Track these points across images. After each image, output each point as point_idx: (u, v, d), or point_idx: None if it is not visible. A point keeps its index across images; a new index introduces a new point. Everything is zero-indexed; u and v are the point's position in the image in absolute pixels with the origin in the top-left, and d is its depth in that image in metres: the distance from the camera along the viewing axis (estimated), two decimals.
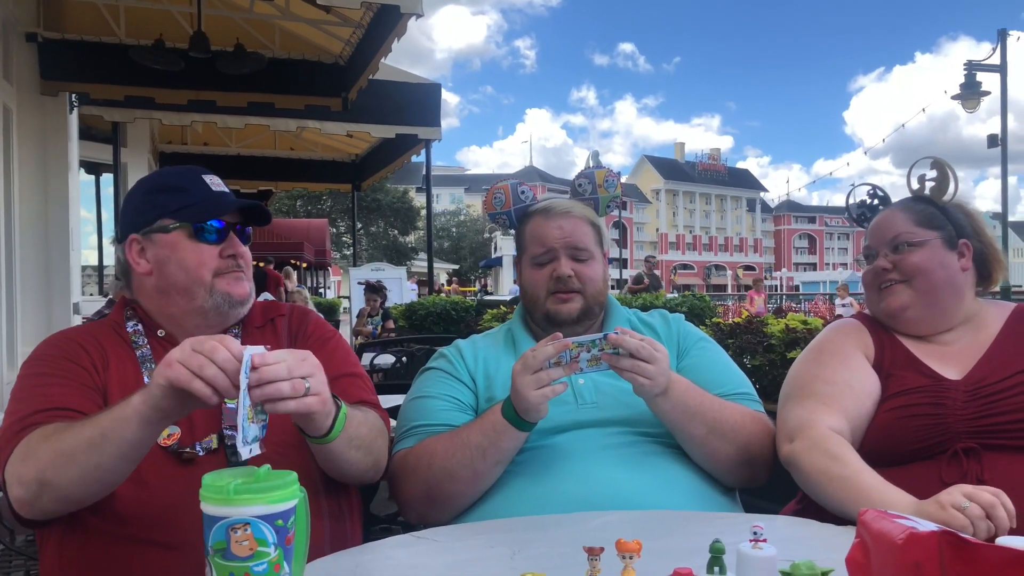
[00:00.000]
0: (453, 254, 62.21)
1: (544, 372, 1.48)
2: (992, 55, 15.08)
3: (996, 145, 15.43)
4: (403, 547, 1.35)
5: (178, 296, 1.57)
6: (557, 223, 1.83)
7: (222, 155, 11.69)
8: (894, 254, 1.76)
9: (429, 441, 1.64)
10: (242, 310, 1.61)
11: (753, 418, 1.70)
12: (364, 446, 1.47)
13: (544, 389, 1.48)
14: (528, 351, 1.51)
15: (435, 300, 8.47)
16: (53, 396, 1.43)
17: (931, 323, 1.74)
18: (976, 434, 1.54)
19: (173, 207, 1.56)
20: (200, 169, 1.63)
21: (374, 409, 1.62)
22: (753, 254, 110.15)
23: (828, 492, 1.47)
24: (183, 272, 1.55)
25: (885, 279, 1.76)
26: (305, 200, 40.43)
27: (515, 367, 1.52)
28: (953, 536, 0.86)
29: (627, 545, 1.00)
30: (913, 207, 1.80)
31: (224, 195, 1.60)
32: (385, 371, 5.28)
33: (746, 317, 3.67)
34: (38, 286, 6.21)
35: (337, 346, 1.71)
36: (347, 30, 6.73)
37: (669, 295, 9.52)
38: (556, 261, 1.81)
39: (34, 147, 6.27)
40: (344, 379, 1.62)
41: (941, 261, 1.73)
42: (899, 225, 1.77)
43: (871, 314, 1.85)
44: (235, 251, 1.59)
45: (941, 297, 1.73)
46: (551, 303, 1.81)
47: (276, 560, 1.00)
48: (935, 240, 1.75)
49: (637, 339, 1.52)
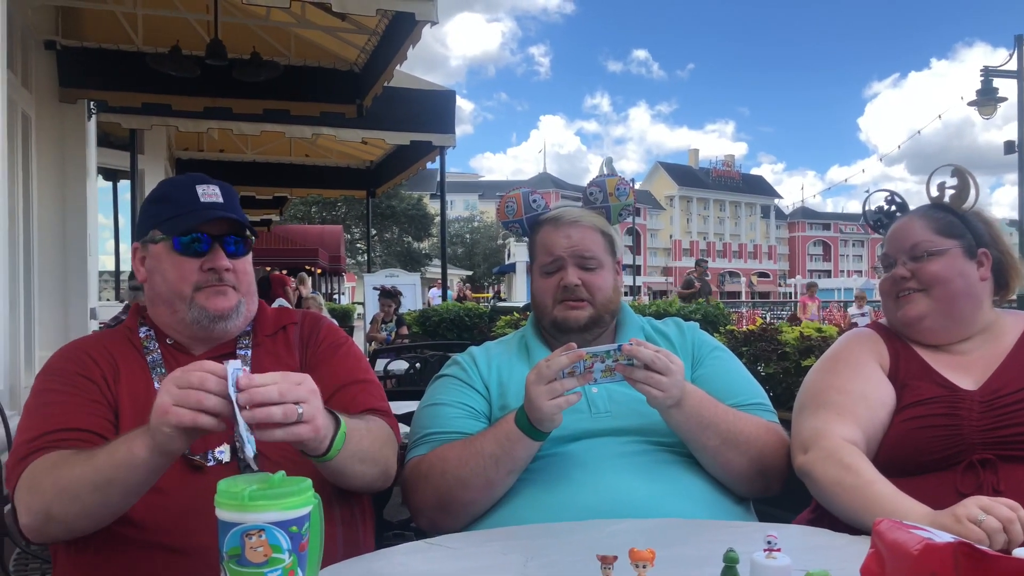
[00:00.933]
0: (467, 260, 62.24)
1: (558, 382, 1.47)
2: (1009, 61, 14.98)
3: (1013, 151, 15.31)
4: (416, 553, 1.35)
5: (164, 307, 1.58)
6: (565, 232, 1.83)
7: (238, 162, 11.77)
8: (913, 262, 1.74)
9: (442, 449, 1.64)
10: (226, 324, 1.57)
11: (767, 429, 1.69)
12: (369, 459, 1.46)
13: (558, 400, 1.48)
14: (542, 361, 1.51)
15: (448, 307, 8.47)
16: (62, 416, 1.43)
17: (948, 333, 1.73)
18: (992, 445, 1.53)
19: (162, 218, 1.56)
20: (200, 178, 1.60)
21: (383, 416, 1.61)
22: (767, 261, 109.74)
23: (842, 502, 1.46)
24: (165, 285, 1.56)
25: (903, 287, 1.74)
26: (320, 206, 40.61)
27: (529, 377, 1.52)
28: (969, 547, 0.85)
29: (640, 554, 1.00)
30: (933, 215, 1.78)
31: (208, 207, 1.56)
32: (399, 377, 5.28)
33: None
34: (56, 291, 6.27)
35: (348, 353, 1.70)
36: (362, 37, 6.76)
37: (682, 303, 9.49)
38: (563, 270, 1.81)
39: (53, 154, 6.34)
40: (354, 386, 1.62)
41: (960, 270, 1.72)
42: (918, 233, 1.75)
43: (887, 322, 1.83)
44: (216, 265, 1.55)
45: (959, 307, 1.71)
46: (559, 310, 1.81)
47: (290, 566, 1.00)
48: (955, 249, 1.73)
49: (652, 351, 1.51)
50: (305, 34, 7.17)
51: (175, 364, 1.56)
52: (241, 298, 1.59)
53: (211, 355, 1.59)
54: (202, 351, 1.60)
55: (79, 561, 1.42)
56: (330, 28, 6.78)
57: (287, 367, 1.60)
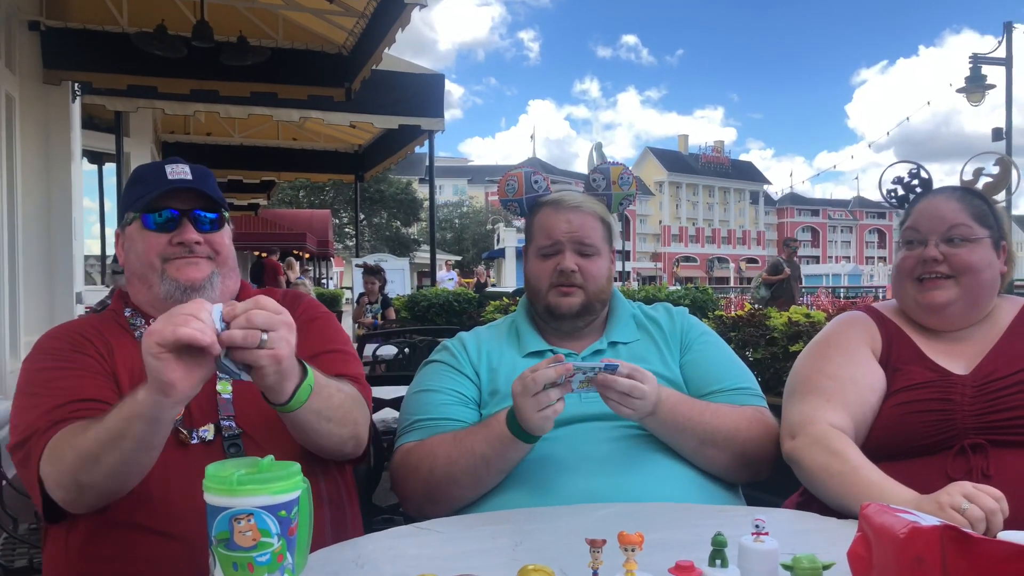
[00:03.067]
0: (456, 245, 62.09)
1: (544, 394, 1.47)
2: (998, 48, 15.01)
3: (1001, 138, 15.37)
4: (405, 537, 1.35)
5: (141, 284, 1.59)
6: (566, 216, 1.82)
7: (225, 145, 11.69)
8: (947, 245, 1.68)
9: (433, 442, 1.64)
10: (200, 296, 1.54)
11: (750, 420, 1.69)
12: (336, 418, 1.44)
13: (546, 411, 1.47)
14: (528, 372, 1.50)
15: (437, 292, 8.45)
16: (73, 388, 1.43)
17: (963, 321, 1.70)
18: (983, 430, 1.52)
19: (133, 199, 1.57)
20: (172, 160, 1.61)
21: (355, 383, 1.59)
22: (756, 247, 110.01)
23: (829, 488, 1.47)
24: (138, 260, 1.57)
25: (931, 270, 1.68)
26: (308, 191, 40.42)
27: (515, 388, 1.51)
28: (955, 531, 0.86)
29: (629, 537, 1.00)
30: (969, 200, 1.72)
31: (174, 182, 1.56)
32: (387, 362, 5.28)
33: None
34: (41, 275, 6.22)
35: (326, 324, 1.69)
36: (350, 20, 6.71)
37: (672, 287, 9.51)
38: (561, 254, 1.80)
39: (37, 136, 6.27)
40: (327, 355, 1.61)
41: (990, 261, 1.69)
42: (956, 215, 1.69)
43: (898, 302, 1.79)
44: (185, 238, 1.55)
45: (982, 297, 1.69)
46: (552, 296, 1.80)
47: (279, 550, 1.00)
48: (987, 239, 1.69)
49: (626, 384, 1.50)
50: (293, 16, 7.10)
51: None
52: (215, 269, 1.59)
53: None
54: None
55: (70, 545, 1.42)
56: (318, 10, 6.72)
57: None
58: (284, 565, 1.01)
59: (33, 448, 1.37)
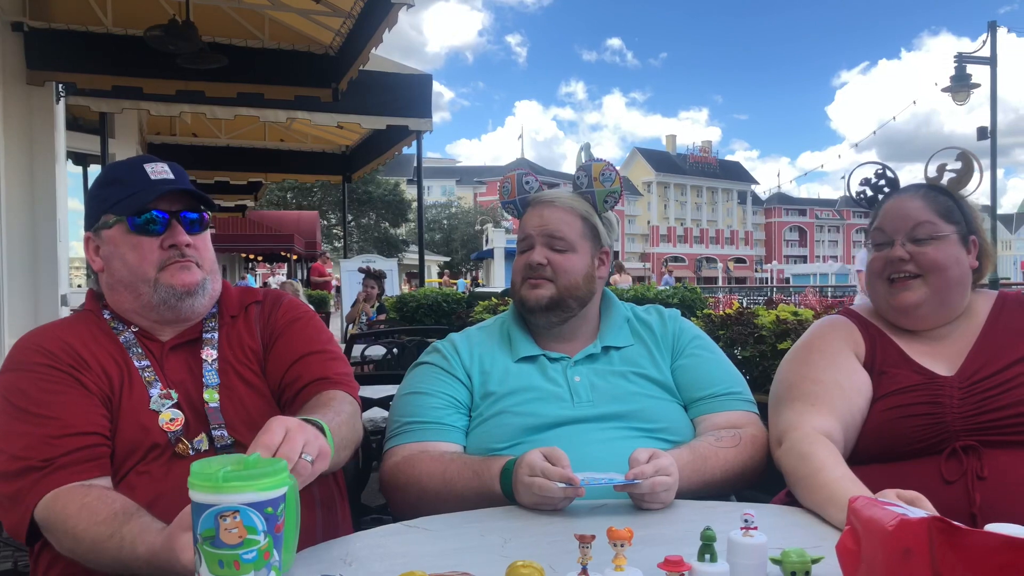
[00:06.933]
0: (444, 246, 61.97)
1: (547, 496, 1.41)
2: (982, 48, 15.11)
3: (986, 138, 15.47)
4: (394, 535, 1.35)
5: (126, 292, 1.54)
6: (539, 211, 1.83)
7: (211, 146, 11.61)
8: (913, 244, 1.68)
9: (421, 470, 1.60)
10: (194, 300, 1.54)
11: (747, 443, 1.67)
12: (346, 445, 1.45)
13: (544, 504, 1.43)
14: (538, 479, 1.40)
15: (426, 292, 8.43)
16: (66, 418, 1.38)
17: (936, 319, 1.69)
18: (974, 431, 1.51)
19: (112, 201, 1.52)
20: (147, 158, 1.56)
21: (340, 387, 1.56)
22: (744, 247, 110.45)
23: (797, 492, 1.47)
24: (126, 269, 1.52)
25: (899, 270, 1.68)
26: (296, 192, 40.26)
27: (522, 478, 1.43)
28: (943, 523, 0.86)
29: (618, 533, 1.00)
30: (934, 196, 1.71)
31: (160, 183, 1.51)
32: (376, 362, 5.26)
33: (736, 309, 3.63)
34: (26, 278, 6.16)
35: (307, 324, 1.67)
36: (337, 20, 6.68)
37: (660, 287, 9.53)
38: (532, 249, 1.81)
39: (20, 138, 6.21)
40: (310, 356, 1.60)
41: (957, 257, 1.67)
42: (920, 213, 1.68)
43: (873, 304, 1.78)
44: (176, 240, 1.52)
45: (952, 294, 1.68)
46: (524, 289, 1.81)
47: (266, 548, 0.99)
48: (953, 235, 1.68)
49: (648, 486, 1.39)
50: (279, 16, 7.06)
51: (144, 349, 1.53)
52: (205, 275, 1.56)
53: (178, 341, 1.57)
54: (169, 336, 1.57)
55: (59, 555, 1.39)
56: (305, 10, 6.69)
57: (251, 348, 1.60)
58: (271, 562, 1.00)
59: (25, 490, 1.33)
